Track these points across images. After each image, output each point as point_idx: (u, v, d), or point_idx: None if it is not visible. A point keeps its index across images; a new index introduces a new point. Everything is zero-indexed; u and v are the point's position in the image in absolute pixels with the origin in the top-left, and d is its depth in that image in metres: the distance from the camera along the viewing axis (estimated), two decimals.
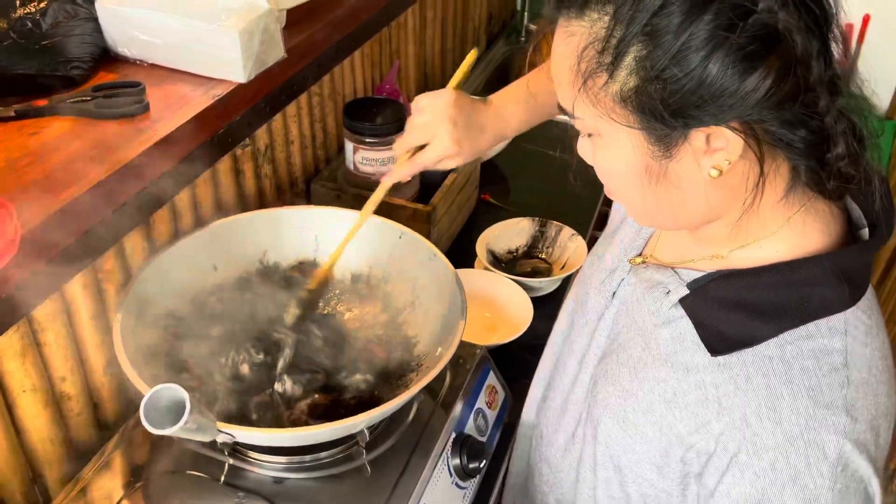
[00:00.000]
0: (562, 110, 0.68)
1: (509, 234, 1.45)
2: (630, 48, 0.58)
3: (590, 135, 0.67)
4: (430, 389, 1.02)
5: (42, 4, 1.03)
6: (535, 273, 1.40)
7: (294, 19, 1.25)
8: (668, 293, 0.73)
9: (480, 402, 1.06)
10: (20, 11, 1.02)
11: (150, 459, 0.93)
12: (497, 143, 1.01)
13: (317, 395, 0.90)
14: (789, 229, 0.67)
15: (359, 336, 1.01)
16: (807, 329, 0.65)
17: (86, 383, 0.95)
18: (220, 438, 0.81)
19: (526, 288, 1.32)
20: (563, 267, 1.41)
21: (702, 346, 0.69)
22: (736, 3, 0.55)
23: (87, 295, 0.91)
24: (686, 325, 0.71)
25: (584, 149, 0.71)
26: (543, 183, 1.68)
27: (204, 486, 0.89)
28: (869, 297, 0.68)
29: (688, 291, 0.71)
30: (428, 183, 1.40)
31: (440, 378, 1.04)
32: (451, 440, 0.98)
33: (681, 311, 0.72)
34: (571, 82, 0.63)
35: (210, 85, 1.07)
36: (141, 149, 0.94)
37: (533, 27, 2.29)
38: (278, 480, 0.90)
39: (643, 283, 0.77)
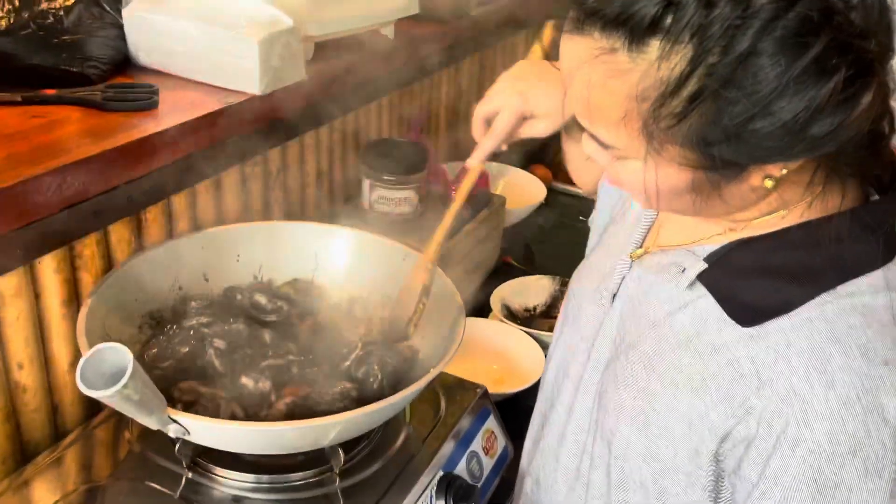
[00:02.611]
0: (579, 127, 0.61)
1: (528, 291, 1.37)
2: (708, 94, 0.51)
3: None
4: (419, 423, 0.93)
5: (68, 2, 1.03)
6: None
7: (322, 55, 1.24)
8: (682, 271, 0.65)
9: (476, 445, 0.95)
10: (44, 5, 1.02)
11: (105, 465, 0.84)
12: None
13: (289, 396, 0.81)
14: (811, 195, 0.62)
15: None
16: (845, 288, 0.59)
17: (46, 378, 0.88)
18: (172, 432, 0.72)
19: (541, 344, 1.22)
20: None
21: (728, 322, 0.61)
22: (838, 39, 0.49)
23: (59, 279, 0.86)
24: (707, 304, 0.64)
25: (596, 155, 0.62)
26: (568, 250, 1.60)
27: (154, 498, 0.80)
28: None
29: (705, 266, 0.64)
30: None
31: (433, 411, 0.95)
32: (436, 478, 0.87)
33: (698, 292, 0.65)
34: (618, 119, 0.56)
35: (225, 94, 1.05)
36: (138, 136, 0.90)
37: None
38: (237, 499, 0.80)
39: (650, 272, 0.69)
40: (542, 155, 2.11)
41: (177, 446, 0.82)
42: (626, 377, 0.70)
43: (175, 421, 0.71)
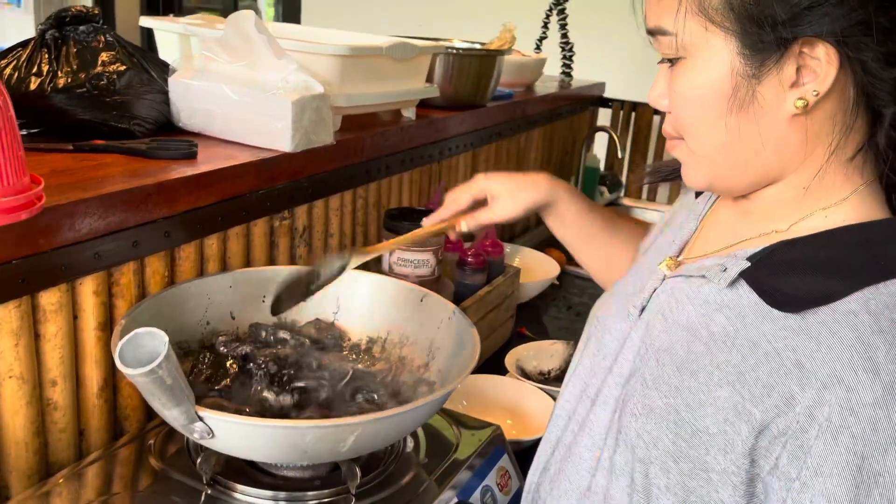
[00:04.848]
0: (649, 33, 0.68)
1: (542, 355, 1.40)
2: None
3: (672, 62, 0.67)
4: (435, 454, 0.94)
5: (121, 68, 1.13)
6: None
7: (348, 126, 1.34)
8: (724, 271, 0.66)
9: (490, 480, 0.96)
10: (99, 69, 1.12)
11: (126, 481, 0.86)
12: (533, 196, 0.99)
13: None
14: (857, 199, 0.64)
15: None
16: (888, 286, 0.59)
17: (76, 399, 0.91)
18: (197, 432, 0.75)
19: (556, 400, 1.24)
20: None
21: (768, 317, 0.62)
22: None
23: (97, 302, 0.90)
24: (747, 302, 0.64)
25: (660, 88, 0.69)
26: (581, 325, 1.64)
27: None
28: None
29: (748, 264, 0.65)
30: (462, 292, 1.39)
31: (449, 444, 0.96)
32: None
33: (738, 291, 0.65)
34: (676, 4, 0.64)
35: (259, 152, 1.13)
36: (175, 176, 0.97)
37: None
38: None
39: (686, 280, 0.70)
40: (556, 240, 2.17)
41: (198, 461, 0.84)
42: (655, 379, 0.69)
43: (201, 419, 0.73)
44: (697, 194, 0.85)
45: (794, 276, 0.62)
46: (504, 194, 0.98)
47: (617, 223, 1.01)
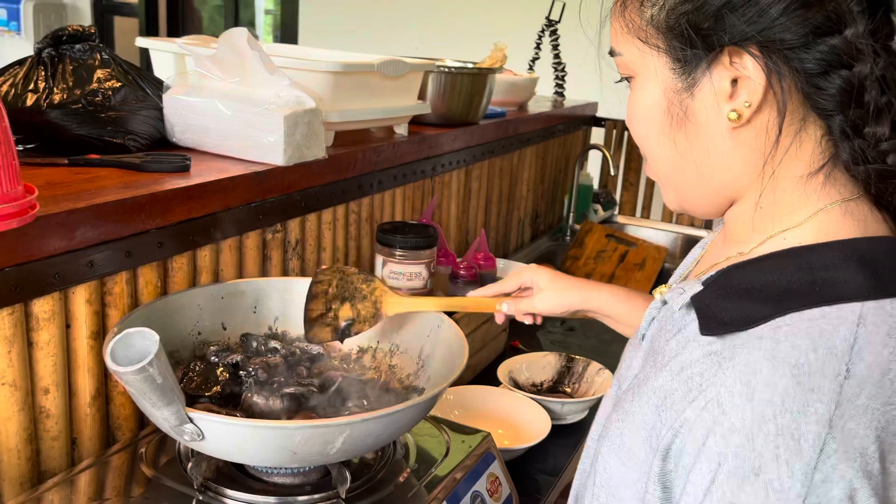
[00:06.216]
0: (611, 54, 0.68)
1: (534, 367, 1.40)
2: None
3: (629, 80, 0.66)
4: (425, 460, 0.95)
5: (116, 85, 1.16)
6: None
7: (341, 142, 1.36)
8: (682, 294, 0.65)
9: (480, 486, 0.96)
10: (95, 86, 1.14)
11: (118, 488, 0.86)
12: (576, 297, 1.00)
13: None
14: (819, 221, 0.60)
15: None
16: (811, 313, 0.55)
17: (69, 408, 0.92)
18: (187, 434, 0.76)
19: (549, 411, 1.24)
20: None
21: (699, 340, 0.60)
22: None
23: (90, 310, 0.91)
24: (694, 327, 0.62)
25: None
26: (575, 339, 1.65)
27: None
28: None
29: (701, 288, 0.64)
30: None
31: (438, 450, 0.97)
32: None
33: (691, 316, 0.64)
34: (615, 14, 0.65)
35: (252, 166, 1.15)
36: (168, 187, 0.99)
37: (577, 227, 2.38)
38: None
39: (668, 306, 0.69)
40: (550, 257, 2.19)
41: (189, 466, 0.85)
42: (619, 404, 0.68)
43: (191, 420, 0.74)
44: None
45: (733, 300, 0.60)
46: (549, 289, 1.00)
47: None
